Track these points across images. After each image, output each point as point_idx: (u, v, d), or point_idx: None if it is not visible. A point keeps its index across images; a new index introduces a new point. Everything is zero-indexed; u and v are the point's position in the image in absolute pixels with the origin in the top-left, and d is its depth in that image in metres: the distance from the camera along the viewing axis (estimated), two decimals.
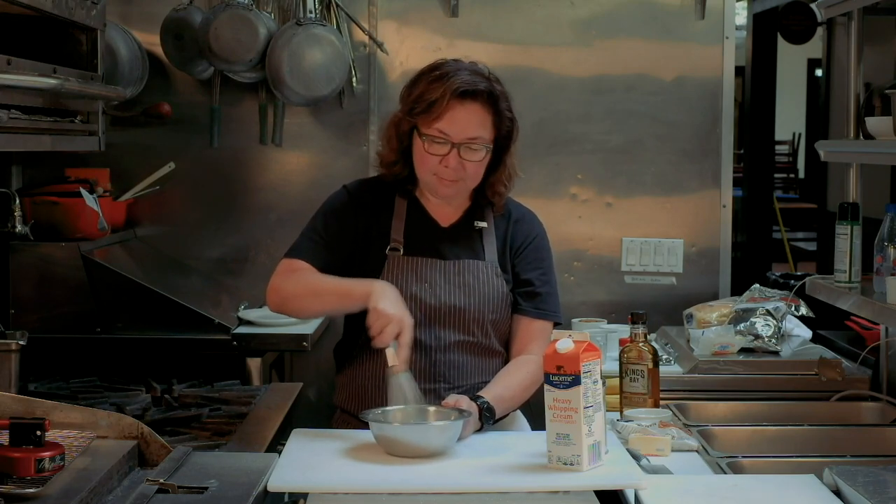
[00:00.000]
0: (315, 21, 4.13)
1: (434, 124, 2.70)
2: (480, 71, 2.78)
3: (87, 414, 2.48)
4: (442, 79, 2.71)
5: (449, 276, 2.77)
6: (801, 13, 7.76)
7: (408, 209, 2.82)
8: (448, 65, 2.77)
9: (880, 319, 3.23)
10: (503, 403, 2.70)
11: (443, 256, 2.79)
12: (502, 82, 2.80)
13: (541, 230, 2.91)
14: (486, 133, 2.73)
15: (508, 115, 2.77)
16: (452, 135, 2.70)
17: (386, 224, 2.80)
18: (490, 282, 2.79)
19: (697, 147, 4.37)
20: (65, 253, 3.78)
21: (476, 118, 2.71)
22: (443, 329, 2.75)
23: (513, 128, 2.79)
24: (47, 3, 2.75)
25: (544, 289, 2.84)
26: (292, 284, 2.75)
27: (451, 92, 2.69)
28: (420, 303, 2.74)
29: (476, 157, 2.72)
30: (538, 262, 2.86)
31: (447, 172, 2.72)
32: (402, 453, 2.48)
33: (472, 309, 2.76)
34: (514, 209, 2.90)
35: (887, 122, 2.96)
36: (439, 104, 2.69)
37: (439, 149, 2.71)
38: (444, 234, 2.82)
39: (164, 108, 4.21)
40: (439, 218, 2.83)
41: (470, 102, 2.71)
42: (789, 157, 13.09)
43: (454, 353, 2.76)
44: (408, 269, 2.76)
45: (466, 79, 2.71)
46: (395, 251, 2.77)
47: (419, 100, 2.72)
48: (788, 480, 2.45)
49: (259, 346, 3.81)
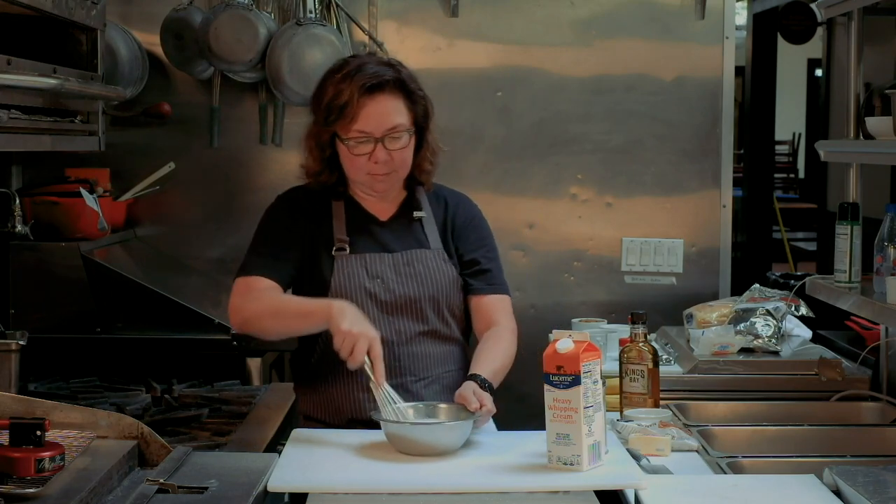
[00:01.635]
0: (315, 21, 4.13)
1: (352, 126, 2.72)
2: (382, 60, 2.82)
3: (87, 414, 2.48)
4: (346, 79, 2.73)
5: (399, 267, 2.79)
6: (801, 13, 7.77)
7: (346, 209, 2.84)
8: (348, 63, 2.79)
9: (880, 319, 3.23)
10: (497, 377, 2.73)
11: (389, 249, 2.81)
12: (405, 65, 2.83)
13: (477, 211, 2.96)
14: (404, 118, 2.76)
15: (420, 94, 2.80)
16: (372, 131, 2.72)
17: (327, 227, 2.81)
18: (439, 268, 2.81)
19: (697, 147, 4.37)
20: (65, 253, 3.78)
21: (390, 107, 2.74)
22: (401, 322, 2.77)
23: (427, 105, 2.82)
24: (47, 3, 2.75)
25: (491, 265, 2.88)
26: (252, 305, 2.74)
27: (359, 90, 2.71)
28: (375, 298, 2.76)
29: (401, 145, 2.75)
30: (480, 241, 2.90)
31: (378, 167, 2.75)
32: (415, 451, 2.49)
33: (426, 297, 2.78)
34: (448, 195, 2.94)
35: (887, 122, 2.96)
36: (350, 106, 2.71)
37: (364, 148, 2.73)
38: (385, 227, 2.84)
39: (164, 108, 4.20)
40: (377, 213, 2.86)
41: (379, 95, 2.73)
42: (789, 157, 13.09)
43: (415, 344, 2.78)
44: (358, 267, 2.77)
45: (371, 72, 2.73)
46: (342, 251, 2.78)
47: (330, 107, 2.74)
48: (788, 480, 2.45)
49: (259, 346, 3.80)
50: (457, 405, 2.60)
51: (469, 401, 2.57)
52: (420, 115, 2.80)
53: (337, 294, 2.74)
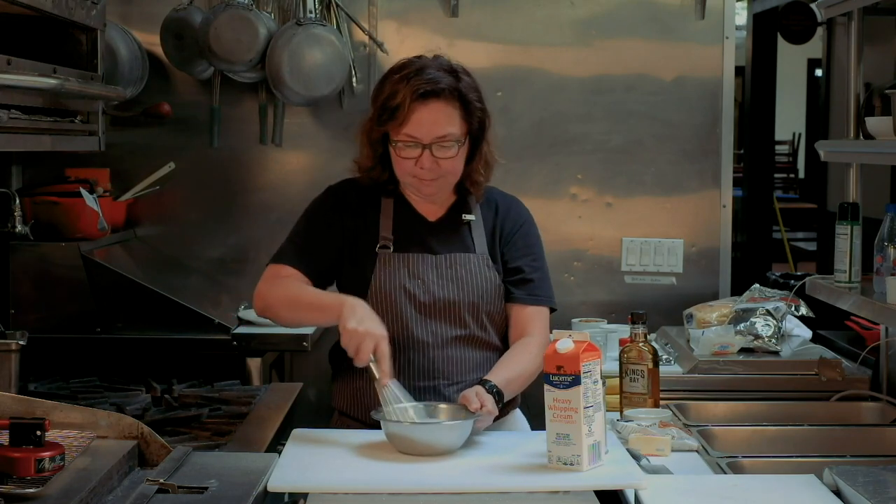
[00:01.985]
0: (315, 21, 4.13)
1: (401, 129, 2.70)
2: (444, 66, 2.76)
3: (87, 414, 2.48)
4: (402, 82, 2.70)
5: (441, 270, 2.77)
6: (801, 13, 7.76)
7: (394, 207, 2.82)
8: (411, 64, 2.74)
9: (880, 319, 3.23)
10: (510, 386, 2.70)
11: (433, 251, 2.79)
12: (471, 73, 2.79)
13: (528, 217, 2.91)
14: (456, 128, 2.72)
15: (479, 106, 2.76)
16: (421, 136, 2.69)
17: (374, 223, 2.80)
18: (482, 273, 2.78)
19: (697, 147, 4.37)
20: (65, 253, 3.78)
21: (442, 116, 2.70)
22: (438, 324, 2.75)
23: (484, 117, 2.78)
24: (47, 3, 2.75)
25: (535, 275, 2.84)
26: (274, 292, 2.76)
27: (412, 95, 2.67)
28: (414, 299, 2.74)
29: (449, 154, 2.71)
30: (527, 248, 2.86)
31: (424, 173, 2.72)
32: (414, 451, 2.49)
33: (465, 302, 2.76)
34: (499, 199, 2.90)
35: (887, 122, 2.96)
36: (402, 109, 2.68)
37: (411, 152, 2.71)
38: (433, 228, 2.82)
39: (164, 108, 4.20)
40: (426, 213, 2.83)
41: (433, 101, 2.69)
42: (789, 157, 13.09)
43: (451, 348, 2.75)
44: (400, 266, 2.76)
45: (427, 78, 2.69)
46: (386, 248, 2.77)
47: (384, 107, 2.71)
48: (788, 480, 2.46)
49: (259, 346, 3.81)
50: (458, 406, 2.60)
51: (470, 401, 2.57)
52: (475, 126, 2.75)
53: (376, 291, 2.73)
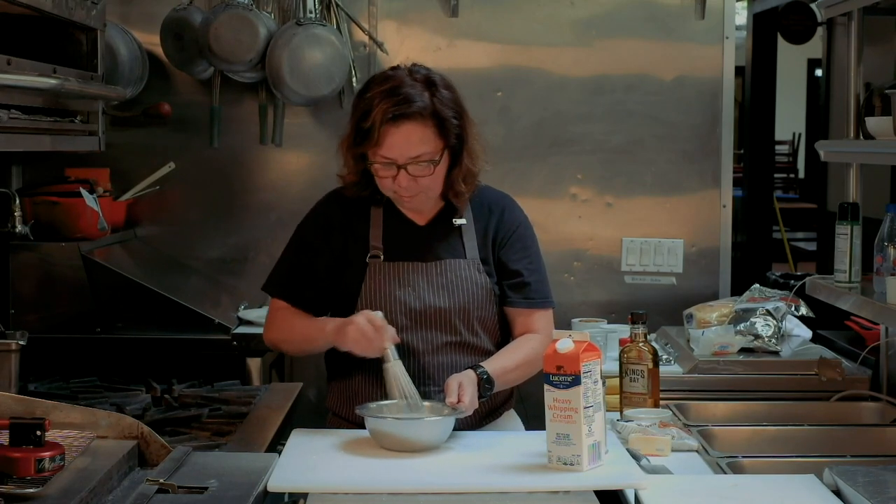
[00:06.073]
0: (315, 21, 4.13)
1: (377, 151, 2.68)
2: (420, 77, 2.71)
3: (87, 414, 2.48)
4: (374, 101, 2.65)
5: (431, 277, 2.77)
6: (801, 13, 7.75)
7: (384, 215, 2.82)
8: (385, 80, 2.70)
9: (880, 319, 3.23)
10: (505, 376, 2.71)
11: (423, 258, 2.78)
12: (451, 84, 2.75)
13: (523, 218, 2.89)
14: (430, 146, 2.69)
15: (455, 123, 2.71)
16: (395, 157, 2.67)
17: (363, 233, 2.80)
18: (472, 279, 2.78)
19: (697, 147, 4.37)
20: (65, 253, 3.78)
21: (415, 137, 2.67)
22: (430, 331, 2.75)
23: (462, 131, 2.74)
24: (47, 3, 2.75)
25: (534, 277, 2.83)
26: (271, 330, 2.88)
27: (381, 119, 2.64)
28: (405, 307, 2.74)
29: (425, 172, 2.70)
30: (524, 250, 2.84)
31: (402, 190, 2.71)
32: (395, 447, 2.51)
33: (456, 308, 2.75)
34: (492, 200, 2.87)
35: (887, 122, 2.96)
36: (374, 132, 2.65)
37: (387, 171, 2.70)
38: (423, 233, 2.81)
39: (164, 108, 4.21)
40: (416, 218, 2.83)
41: (405, 123, 2.66)
42: (789, 157, 13.08)
43: (443, 354, 2.75)
44: (390, 275, 2.76)
45: (398, 99, 2.65)
46: (376, 258, 2.77)
47: (358, 128, 2.69)
48: (788, 480, 2.46)
49: (259, 346, 3.80)
50: (442, 403, 2.60)
51: (450, 391, 2.58)
52: (452, 140, 2.72)
53: (367, 300, 2.74)
